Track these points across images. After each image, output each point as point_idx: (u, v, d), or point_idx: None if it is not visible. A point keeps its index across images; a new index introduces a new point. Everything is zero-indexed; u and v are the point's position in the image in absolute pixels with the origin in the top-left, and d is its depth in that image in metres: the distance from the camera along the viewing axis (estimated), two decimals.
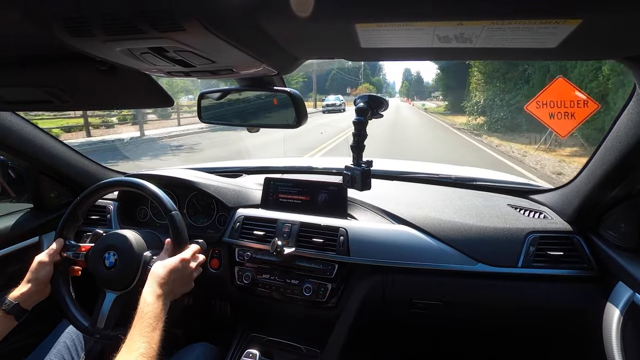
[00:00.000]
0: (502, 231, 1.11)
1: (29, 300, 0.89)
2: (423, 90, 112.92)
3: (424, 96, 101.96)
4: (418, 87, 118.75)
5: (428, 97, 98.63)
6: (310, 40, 0.56)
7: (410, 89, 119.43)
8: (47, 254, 0.95)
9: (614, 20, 0.42)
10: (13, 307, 0.85)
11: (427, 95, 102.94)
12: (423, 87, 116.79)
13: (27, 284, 0.90)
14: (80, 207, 1.02)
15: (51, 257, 0.95)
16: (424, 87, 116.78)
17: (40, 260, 0.94)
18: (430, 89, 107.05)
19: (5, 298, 0.86)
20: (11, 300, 0.86)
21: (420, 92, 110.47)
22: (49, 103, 0.75)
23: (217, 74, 0.63)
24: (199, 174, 1.42)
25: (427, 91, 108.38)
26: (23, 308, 0.87)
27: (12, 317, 0.85)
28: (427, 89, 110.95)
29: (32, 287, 0.90)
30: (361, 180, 0.84)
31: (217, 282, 1.28)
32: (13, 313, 0.85)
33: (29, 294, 0.89)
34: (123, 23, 0.41)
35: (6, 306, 0.85)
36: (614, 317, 0.91)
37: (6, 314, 0.84)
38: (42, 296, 0.93)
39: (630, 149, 0.81)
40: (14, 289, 0.89)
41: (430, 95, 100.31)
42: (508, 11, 0.40)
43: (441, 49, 0.53)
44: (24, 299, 0.88)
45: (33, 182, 1.35)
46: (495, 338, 1.33)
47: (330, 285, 1.15)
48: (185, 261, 0.88)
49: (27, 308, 0.88)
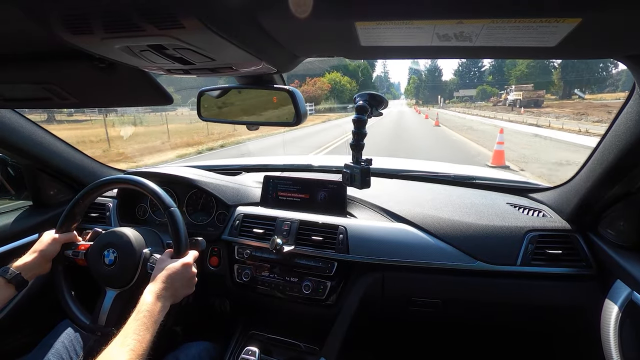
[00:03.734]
0: (501, 229, 1.11)
1: (31, 272, 0.91)
2: (441, 87, 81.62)
3: (445, 96, 73.56)
4: (433, 80, 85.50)
5: (450, 99, 71.62)
6: (310, 39, 0.56)
7: (421, 88, 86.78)
8: (59, 235, 0.98)
9: (613, 19, 0.42)
10: (15, 277, 0.87)
11: (449, 95, 75.28)
12: (440, 82, 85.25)
13: (32, 254, 0.93)
14: (79, 206, 1.02)
15: (61, 239, 0.98)
16: (441, 83, 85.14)
17: (53, 237, 0.97)
18: (453, 85, 79.30)
19: (9, 268, 0.88)
20: (14, 270, 0.88)
21: (437, 90, 79.63)
22: (48, 100, 0.75)
23: (216, 72, 0.63)
24: (199, 171, 1.42)
25: (449, 89, 79.37)
26: (24, 279, 0.89)
27: (12, 286, 0.87)
28: (448, 86, 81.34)
29: (36, 259, 0.92)
30: (360, 179, 0.84)
31: (216, 279, 1.28)
32: (14, 282, 0.87)
33: (32, 265, 0.91)
34: (122, 20, 0.41)
35: (9, 275, 0.87)
36: (612, 314, 0.91)
37: (8, 283, 0.86)
38: (43, 270, 0.95)
39: (629, 147, 0.81)
40: (17, 258, 0.92)
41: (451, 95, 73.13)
42: (508, 10, 0.40)
43: (441, 48, 0.53)
44: (26, 270, 0.90)
45: (32, 179, 1.35)
46: (494, 335, 1.34)
47: (330, 282, 1.15)
48: (188, 265, 0.89)
49: (28, 279, 0.90)
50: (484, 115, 26.70)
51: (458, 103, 60.38)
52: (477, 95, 64.62)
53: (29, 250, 0.95)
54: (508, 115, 24.01)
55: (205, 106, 0.88)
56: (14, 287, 0.87)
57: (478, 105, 48.84)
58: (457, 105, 49.61)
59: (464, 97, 67.61)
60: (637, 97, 0.75)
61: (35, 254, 0.93)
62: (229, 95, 0.86)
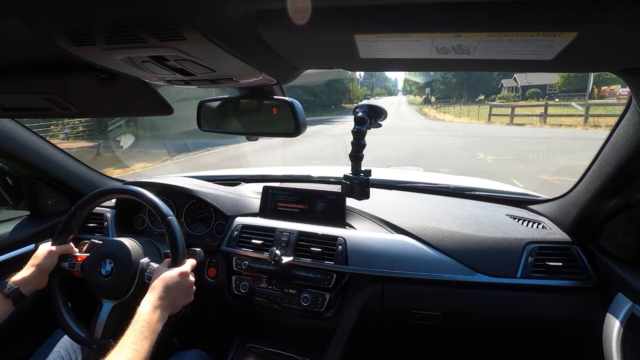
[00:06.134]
0: (500, 241, 1.11)
1: (28, 286, 0.90)
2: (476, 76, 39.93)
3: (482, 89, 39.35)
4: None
5: (495, 94, 35.95)
6: (310, 51, 0.56)
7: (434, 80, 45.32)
8: (55, 247, 0.97)
9: (609, 34, 0.43)
10: (13, 291, 0.86)
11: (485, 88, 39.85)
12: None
13: (29, 269, 0.92)
14: (75, 218, 1.01)
15: (57, 251, 0.97)
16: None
17: (49, 250, 0.96)
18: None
19: (7, 282, 0.87)
20: (11, 285, 0.87)
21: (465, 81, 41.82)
22: (48, 110, 0.75)
23: (217, 83, 0.64)
24: (197, 182, 1.41)
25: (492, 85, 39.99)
26: (22, 293, 0.88)
27: (10, 301, 0.86)
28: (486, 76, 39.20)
29: (33, 274, 0.91)
30: (360, 190, 0.84)
31: (214, 291, 1.27)
32: (12, 297, 0.86)
33: (29, 280, 0.90)
34: (124, 32, 0.41)
35: (7, 290, 0.85)
36: (614, 328, 0.90)
37: (6, 298, 0.85)
38: (40, 285, 0.94)
39: (628, 159, 0.81)
40: (15, 273, 0.90)
41: (493, 89, 37.49)
42: (505, 23, 0.40)
43: (439, 60, 0.53)
44: (24, 285, 0.89)
45: (30, 189, 1.35)
46: (495, 348, 1.32)
47: (329, 295, 1.14)
48: (185, 274, 0.88)
49: (25, 294, 0.89)
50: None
51: (520, 102, 27.87)
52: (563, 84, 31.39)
53: (27, 260, 0.94)
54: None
55: (206, 117, 0.89)
56: (12, 302, 0.86)
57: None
58: (524, 109, 20.28)
59: (529, 88, 32.81)
60: (634, 109, 0.76)
61: (32, 269, 0.92)
62: (229, 106, 0.87)
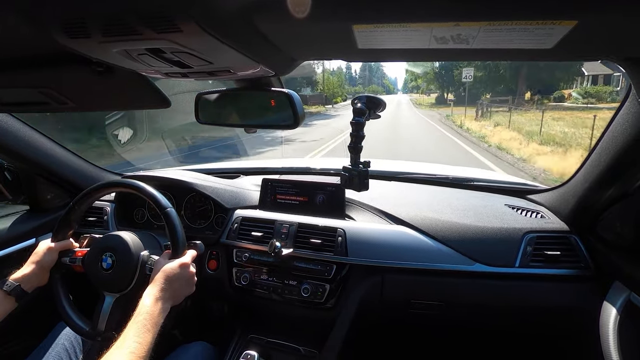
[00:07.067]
0: (499, 231, 1.11)
1: (30, 283, 0.90)
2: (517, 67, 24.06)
3: (530, 84, 26.36)
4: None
5: (549, 93, 24.97)
6: (308, 42, 0.56)
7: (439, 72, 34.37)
8: (55, 244, 0.97)
9: (608, 22, 0.42)
10: (14, 289, 0.86)
11: (530, 85, 26.80)
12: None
13: (30, 266, 0.91)
14: (74, 213, 1.01)
15: (57, 247, 0.96)
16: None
17: (49, 246, 0.95)
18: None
19: (7, 279, 0.87)
20: (13, 282, 0.87)
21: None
22: (45, 105, 0.75)
23: (214, 75, 0.63)
24: (196, 175, 1.41)
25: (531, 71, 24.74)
26: (24, 290, 0.88)
27: (12, 298, 0.86)
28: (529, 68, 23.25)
29: (34, 271, 0.91)
30: (359, 181, 0.84)
31: (215, 283, 1.27)
32: (14, 294, 0.86)
33: (30, 277, 0.90)
34: (119, 24, 0.41)
35: (8, 287, 0.85)
36: (610, 315, 0.91)
37: (7, 295, 0.85)
38: (41, 282, 0.93)
39: (626, 148, 0.81)
40: (16, 270, 0.90)
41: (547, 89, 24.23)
42: (504, 12, 0.40)
43: (438, 50, 0.53)
44: (25, 282, 0.88)
45: (29, 183, 1.35)
46: (494, 337, 1.34)
47: (329, 286, 1.15)
48: (186, 265, 0.88)
49: (27, 291, 0.89)
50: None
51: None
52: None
53: (27, 255, 0.94)
54: None
55: (204, 110, 0.88)
56: (14, 299, 0.86)
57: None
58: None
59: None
60: (632, 99, 0.76)
61: (33, 266, 0.91)
62: (226, 99, 0.86)
